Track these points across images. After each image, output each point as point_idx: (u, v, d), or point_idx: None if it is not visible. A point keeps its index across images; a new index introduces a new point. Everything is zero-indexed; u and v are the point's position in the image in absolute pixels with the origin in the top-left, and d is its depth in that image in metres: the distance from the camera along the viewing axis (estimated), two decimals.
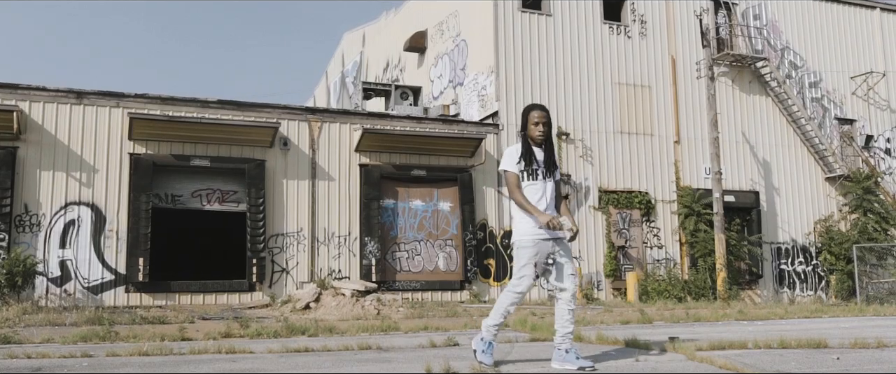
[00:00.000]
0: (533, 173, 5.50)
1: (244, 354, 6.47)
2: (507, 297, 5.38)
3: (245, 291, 16.50)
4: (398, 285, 17.71)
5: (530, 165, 5.50)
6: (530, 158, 5.51)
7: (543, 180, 5.50)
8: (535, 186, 5.50)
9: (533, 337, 7.86)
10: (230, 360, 6.03)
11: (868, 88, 25.00)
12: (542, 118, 5.53)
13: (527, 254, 5.37)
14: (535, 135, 5.54)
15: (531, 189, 5.49)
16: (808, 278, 22.94)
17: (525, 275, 5.34)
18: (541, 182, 5.50)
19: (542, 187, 5.50)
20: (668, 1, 22.44)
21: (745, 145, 22.71)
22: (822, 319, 12.49)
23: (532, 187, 5.49)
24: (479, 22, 20.91)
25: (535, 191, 5.49)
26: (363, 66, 30.08)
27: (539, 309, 14.43)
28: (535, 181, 5.49)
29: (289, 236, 17.15)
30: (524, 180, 5.49)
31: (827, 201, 23.58)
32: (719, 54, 22.26)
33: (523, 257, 5.38)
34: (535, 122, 5.54)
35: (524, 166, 5.49)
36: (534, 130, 5.54)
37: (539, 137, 5.53)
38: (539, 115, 5.55)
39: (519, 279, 5.36)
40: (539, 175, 5.50)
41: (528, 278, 5.34)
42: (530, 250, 5.35)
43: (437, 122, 19.45)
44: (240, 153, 17.01)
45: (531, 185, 5.49)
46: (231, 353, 6.48)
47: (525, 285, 5.36)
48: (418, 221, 18.46)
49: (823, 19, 24.79)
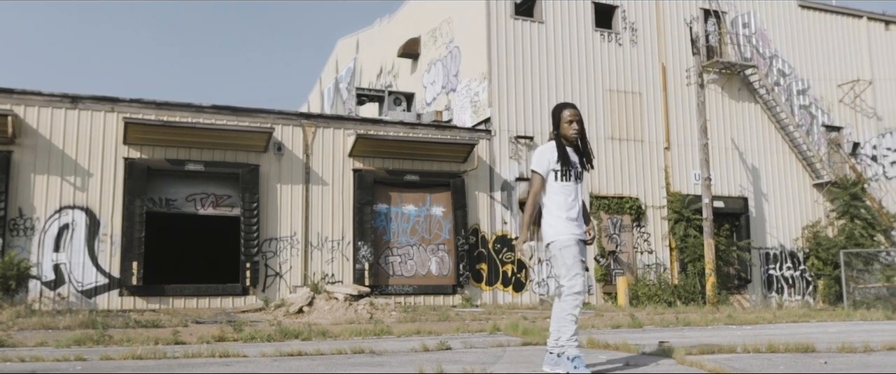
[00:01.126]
0: (566, 174, 5.31)
1: (238, 358, 6.51)
2: (568, 302, 5.12)
3: (239, 295, 16.57)
4: (391, 289, 17.83)
5: (566, 165, 5.32)
6: (566, 158, 5.33)
7: (576, 182, 5.34)
8: (569, 186, 5.32)
9: (525, 341, 7.98)
10: (224, 364, 6.09)
11: (855, 95, 25.30)
12: (575, 116, 5.37)
13: (572, 253, 5.18)
14: (570, 133, 5.37)
15: (565, 190, 5.31)
16: (795, 284, 23.17)
17: (578, 273, 5.13)
18: (573, 183, 5.33)
19: (575, 189, 5.34)
20: (659, 9, 22.67)
21: (735, 152, 22.94)
22: (809, 323, 12.67)
23: (566, 189, 5.31)
24: (472, 29, 21.08)
25: (569, 192, 5.31)
26: (357, 72, 30.20)
27: (531, 313, 14.57)
28: (568, 182, 5.32)
29: (282, 240, 17.23)
30: (558, 181, 5.31)
31: (814, 207, 23.83)
32: (709, 62, 22.50)
33: (569, 256, 5.18)
34: (569, 120, 5.37)
35: (560, 167, 5.31)
36: (568, 128, 5.38)
37: (574, 136, 5.37)
38: (571, 113, 5.39)
39: (573, 280, 5.13)
40: (572, 176, 5.34)
41: (581, 275, 5.14)
42: (574, 248, 5.18)
43: (430, 127, 19.60)
44: (234, 158, 17.10)
45: (565, 186, 5.31)
46: (224, 357, 6.52)
47: (580, 284, 5.13)
48: (411, 225, 18.59)
49: (811, 28, 25.09)
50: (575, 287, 5.10)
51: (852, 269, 21.87)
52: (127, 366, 5.94)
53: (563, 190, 5.29)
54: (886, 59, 26.16)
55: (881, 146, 25.58)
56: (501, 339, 8.26)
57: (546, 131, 20.39)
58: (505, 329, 9.57)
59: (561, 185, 5.30)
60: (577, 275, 5.11)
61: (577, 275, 5.11)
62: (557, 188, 5.30)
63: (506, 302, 18.81)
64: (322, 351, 6.87)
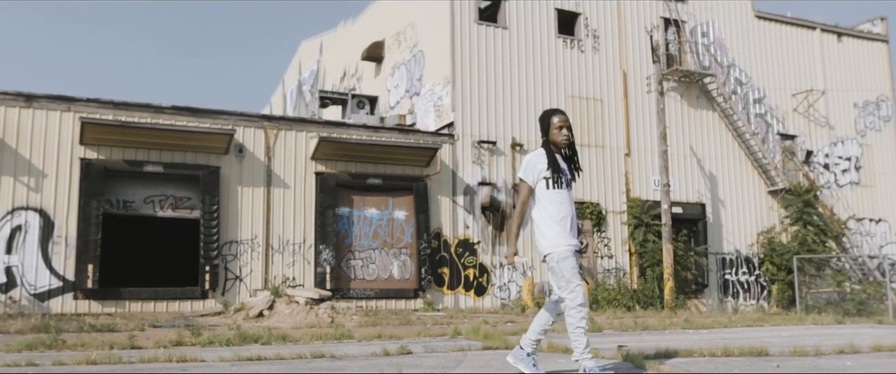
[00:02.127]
0: (558, 182, 5.19)
1: (195, 362, 6.45)
2: (573, 316, 5.04)
3: (197, 298, 16.34)
4: (352, 293, 17.75)
5: (556, 173, 5.19)
6: (556, 165, 5.21)
7: (567, 189, 5.23)
8: (561, 194, 5.20)
9: (486, 346, 8.02)
10: (181, 369, 6.04)
11: (808, 105, 25.96)
12: (564, 122, 5.27)
13: (570, 264, 5.09)
14: (561, 140, 5.26)
15: (557, 199, 5.19)
16: (750, 288, 23.66)
17: (578, 284, 5.05)
18: (565, 190, 5.21)
19: (568, 196, 5.22)
20: (621, 17, 23.00)
21: (693, 158, 23.36)
22: (763, 327, 12.95)
23: (558, 197, 5.19)
24: (436, 33, 21.13)
25: (561, 201, 5.20)
26: (320, 74, 30.05)
27: (492, 318, 14.64)
28: (560, 189, 5.20)
29: (243, 243, 17.06)
30: (550, 189, 5.19)
31: (769, 214, 24.38)
32: (669, 70, 22.89)
33: (567, 268, 5.09)
34: (559, 126, 5.26)
35: (551, 174, 5.19)
36: (558, 134, 5.27)
37: (564, 142, 5.27)
38: (561, 119, 5.28)
39: (573, 292, 5.03)
40: (563, 183, 5.22)
41: (581, 286, 5.06)
42: (571, 259, 5.10)
43: (394, 131, 19.59)
44: (194, 160, 16.87)
45: (557, 193, 5.19)
46: (182, 362, 6.46)
47: (581, 295, 5.05)
48: (373, 229, 18.54)
49: (767, 38, 25.69)
50: (577, 300, 5.01)
51: (805, 274, 22.42)
52: (80, 372, 5.83)
53: (555, 198, 5.17)
54: (838, 70, 26.90)
55: (833, 155, 26.28)
56: (462, 343, 8.29)
57: (509, 137, 20.54)
58: (466, 334, 9.61)
59: (553, 193, 5.18)
60: (577, 287, 5.02)
61: (578, 286, 5.02)
62: (550, 197, 5.18)
63: (467, 306, 18.87)
64: (282, 356, 6.83)
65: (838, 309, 19.07)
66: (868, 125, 27.28)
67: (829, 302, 21.18)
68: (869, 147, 27.09)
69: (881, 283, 21.29)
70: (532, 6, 21.65)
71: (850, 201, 26.01)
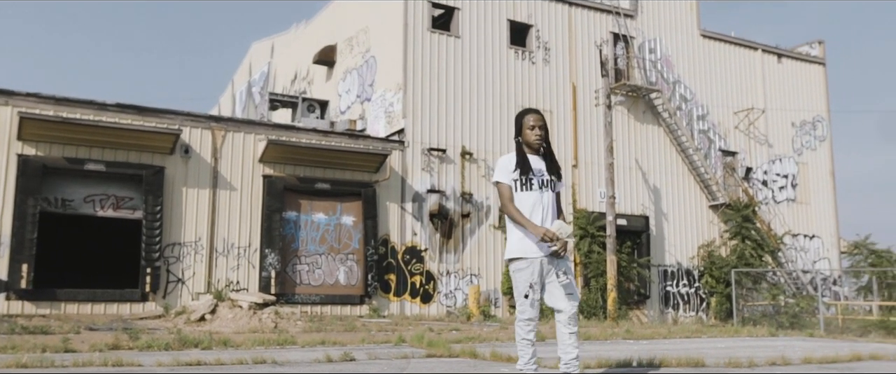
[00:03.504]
0: (527, 183, 5.00)
1: (132, 367, 6.31)
2: (518, 329, 4.92)
3: (137, 301, 15.97)
4: (297, 298, 17.59)
5: (525, 174, 5.01)
6: (525, 165, 5.02)
7: (540, 191, 5.00)
8: (530, 196, 4.98)
9: (429, 353, 8.05)
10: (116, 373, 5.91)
11: (749, 123, 26.78)
12: (538, 122, 5.08)
13: (522, 277, 4.91)
14: (533, 139, 5.07)
15: (525, 200, 4.97)
16: (690, 300, 24.24)
17: (525, 298, 4.87)
18: (536, 192, 4.99)
19: (538, 198, 4.98)
20: (572, 31, 23.38)
21: (638, 172, 23.85)
22: (701, 339, 13.26)
23: (526, 198, 4.98)
24: (389, 39, 21.15)
25: (528, 202, 4.97)
26: (271, 76, 29.74)
27: (437, 325, 14.68)
28: (529, 191, 4.99)
29: (186, 245, 16.75)
30: (517, 191, 4.99)
31: (710, 227, 25.03)
32: (617, 84, 23.35)
33: (519, 281, 4.92)
34: (531, 125, 5.08)
35: (519, 175, 5.00)
36: (530, 134, 5.08)
37: (537, 142, 5.07)
38: (535, 118, 5.09)
39: (522, 304, 4.88)
40: (534, 185, 5.00)
41: (532, 301, 4.87)
42: (524, 272, 4.90)
43: (344, 136, 19.51)
44: (138, 159, 16.52)
45: (525, 195, 4.99)
46: (118, 366, 6.32)
47: (530, 310, 4.86)
48: (320, 234, 18.42)
49: (711, 57, 26.43)
50: (524, 314, 4.87)
51: (742, 287, 23.08)
52: None
53: (522, 201, 4.98)
54: (778, 90, 27.83)
55: (771, 172, 27.14)
56: (406, 351, 8.30)
57: (459, 145, 20.66)
58: (410, 341, 9.62)
59: (521, 196, 4.99)
60: (525, 302, 4.88)
61: (526, 302, 4.87)
62: (519, 199, 4.99)
63: (413, 313, 18.87)
64: (222, 361, 6.74)
65: (773, 322, 19.65)
66: (804, 144, 28.27)
67: (765, 315, 21.83)
68: (805, 165, 28.07)
69: (813, 297, 22.05)
70: (485, 16, 21.85)
71: (787, 217, 26.90)
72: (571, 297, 4.91)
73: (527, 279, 4.86)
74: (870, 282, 24.21)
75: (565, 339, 4.89)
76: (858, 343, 12.70)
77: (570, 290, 4.92)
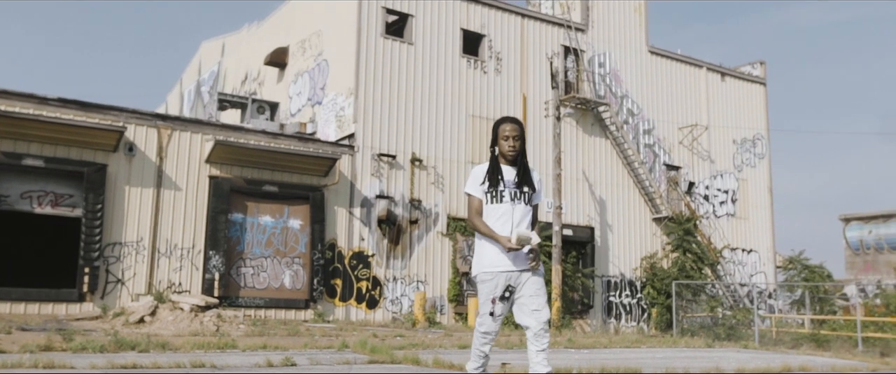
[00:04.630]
0: (498, 196, 4.80)
1: (63, 369, 6.17)
2: (475, 339, 4.82)
3: (74, 301, 15.56)
4: (241, 301, 17.36)
5: (496, 187, 4.81)
6: (496, 177, 4.83)
7: (512, 203, 4.80)
8: (500, 209, 4.79)
9: (372, 359, 8.07)
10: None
11: (693, 139, 27.49)
12: (513, 132, 4.86)
13: (484, 290, 4.77)
14: (506, 150, 4.86)
15: (495, 213, 4.79)
16: (632, 311, 24.72)
17: (486, 312, 4.73)
18: (508, 205, 4.79)
19: (509, 212, 4.79)
20: (524, 42, 23.68)
21: (585, 183, 24.25)
22: (640, 349, 13.55)
23: (496, 211, 4.79)
24: (342, 43, 21.10)
25: (498, 216, 4.78)
26: (221, 76, 29.32)
27: (382, 331, 14.67)
28: (499, 204, 4.79)
29: (127, 245, 16.39)
30: (488, 203, 4.82)
31: (653, 240, 25.58)
32: (566, 96, 23.73)
33: (481, 293, 4.79)
34: (506, 136, 4.86)
35: (488, 187, 4.82)
36: (504, 144, 4.87)
37: (510, 153, 4.86)
38: (511, 128, 4.87)
39: (480, 318, 4.77)
40: (505, 197, 4.80)
41: (491, 316, 4.72)
42: (487, 284, 4.75)
43: (293, 139, 19.37)
44: (79, 156, 16.11)
45: (495, 208, 4.80)
46: (49, 368, 6.18)
47: (488, 325, 4.74)
48: (267, 237, 18.23)
49: (658, 73, 27.06)
50: (481, 327, 4.76)
51: (682, 299, 23.63)
52: None
53: (491, 215, 4.80)
54: (721, 107, 28.64)
55: (712, 187, 27.90)
56: (349, 356, 8.30)
57: (409, 151, 20.71)
58: (353, 347, 9.61)
59: (490, 208, 4.82)
60: (484, 314, 4.76)
61: (486, 315, 4.75)
62: (489, 211, 4.81)
63: (359, 319, 18.81)
64: (159, 365, 6.64)
65: (710, 333, 20.16)
66: (744, 161, 29.15)
67: (703, 326, 22.37)
68: (745, 182, 28.93)
69: (749, 309, 22.70)
70: (439, 24, 21.98)
71: (726, 231, 27.66)
72: (538, 313, 4.71)
73: (489, 292, 4.73)
74: (803, 296, 25.06)
75: (534, 356, 4.72)
76: (790, 356, 13.15)
77: (537, 305, 4.73)
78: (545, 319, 4.73)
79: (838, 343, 17.59)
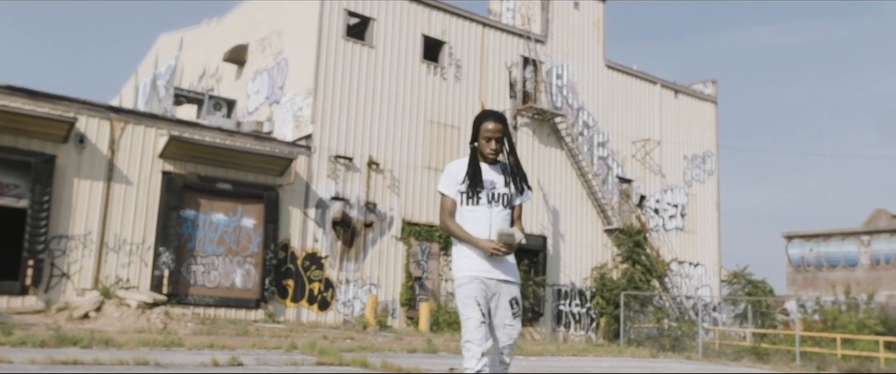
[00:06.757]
0: (474, 197, 4.37)
1: (0, 363, 6.09)
2: (463, 350, 4.27)
3: (16, 294, 15.19)
4: (190, 299, 17.15)
5: (474, 187, 4.38)
6: (476, 177, 4.38)
7: (488, 205, 4.37)
8: (477, 212, 4.37)
9: (320, 361, 8.10)
10: None
11: (645, 153, 28.06)
12: (496, 132, 4.38)
13: (461, 294, 4.31)
14: (487, 152, 4.42)
15: (471, 216, 4.37)
16: (581, 320, 25.09)
17: (468, 317, 4.24)
18: (483, 208, 4.36)
19: (487, 215, 4.35)
20: (484, 50, 23.91)
21: (539, 193, 24.56)
22: (587, 357, 13.83)
23: (473, 214, 4.37)
24: (302, 43, 21.03)
25: (475, 219, 4.36)
26: (178, 71, 28.91)
27: (332, 333, 14.66)
28: (476, 207, 4.37)
29: (74, 238, 16.07)
30: (463, 204, 4.40)
31: (603, 251, 26.01)
32: (524, 106, 24.02)
33: (459, 299, 4.33)
34: (488, 137, 4.41)
35: (466, 188, 4.39)
36: (484, 146, 4.43)
37: (491, 155, 4.43)
38: (494, 128, 4.39)
39: (464, 323, 4.27)
40: (482, 199, 4.37)
41: (474, 320, 4.23)
42: (465, 288, 4.30)
43: (250, 137, 19.22)
44: (27, 145, 15.75)
45: (470, 210, 4.38)
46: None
47: (471, 332, 4.21)
48: (219, 235, 18.05)
49: (614, 87, 27.57)
50: (465, 336, 4.25)
51: (630, 309, 24.08)
52: None
53: (469, 217, 4.37)
54: (673, 123, 29.30)
55: (663, 201, 28.50)
56: (297, 358, 8.32)
57: (366, 154, 20.73)
58: (302, 348, 9.62)
59: (467, 210, 4.39)
60: (467, 320, 4.25)
61: (468, 320, 4.24)
62: (464, 214, 4.39)
63: (310, 320, 18.74)
64: (101, 361, 6.57)
65: (656, 344, 20.60)
66: (694, 177, 29.85)
67: (649, 337, 22.84)
68: (694, 197, 29.62)
69: (694, 321, 23.25)
70: (400, 29, 22.06)
71: (675, 244, 28.27)
72: (508, 328, 4.35)
73: (469, 294, 4.27)
74: (746, 310, 25.76)
75: (496, 367, 4.37)
76: (730, 367, 13.54)
77: (509, 321, 4.35)
78: (516, 334, 4.39)
79: (778, 356, 18.15)
